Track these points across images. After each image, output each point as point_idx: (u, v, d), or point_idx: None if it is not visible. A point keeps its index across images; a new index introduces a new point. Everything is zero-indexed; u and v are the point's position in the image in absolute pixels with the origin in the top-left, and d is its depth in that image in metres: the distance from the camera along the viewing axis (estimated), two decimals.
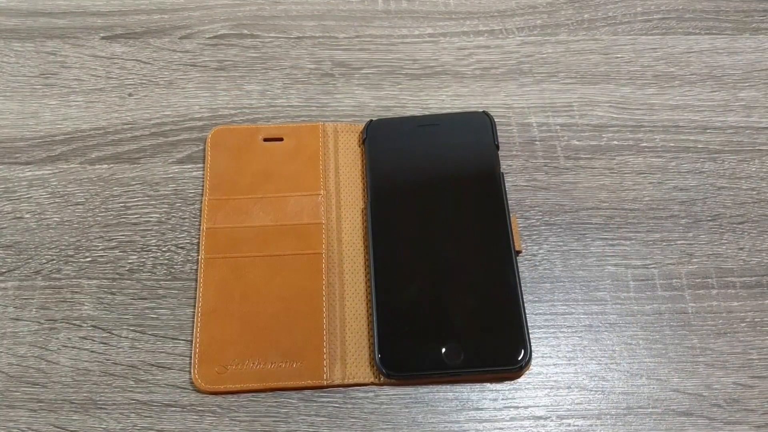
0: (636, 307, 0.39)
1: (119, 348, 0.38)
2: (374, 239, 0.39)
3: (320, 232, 0.40)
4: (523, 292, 0.38)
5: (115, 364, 0.37)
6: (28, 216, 0.41)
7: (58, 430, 0.36)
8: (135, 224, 0.41)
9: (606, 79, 0.46)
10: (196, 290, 0.39)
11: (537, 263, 0.40)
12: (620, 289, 0.39)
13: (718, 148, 0.44)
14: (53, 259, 0.40)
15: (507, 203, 0.40)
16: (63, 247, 0.40)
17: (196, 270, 0.39)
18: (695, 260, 0.40)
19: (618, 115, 0.45)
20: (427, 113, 0.45)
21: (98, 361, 0.37)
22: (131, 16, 0.49)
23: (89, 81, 0.46)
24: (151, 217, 0.41)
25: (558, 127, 0.44)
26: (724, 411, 0.36)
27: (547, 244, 0.41)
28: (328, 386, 0.37)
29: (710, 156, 0.44)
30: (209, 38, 0.48)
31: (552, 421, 0.36)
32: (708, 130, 0.44)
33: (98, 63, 0.47)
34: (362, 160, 0.43)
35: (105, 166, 0.43)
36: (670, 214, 0.42)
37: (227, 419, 0.36)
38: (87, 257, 0.40)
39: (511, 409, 0.36)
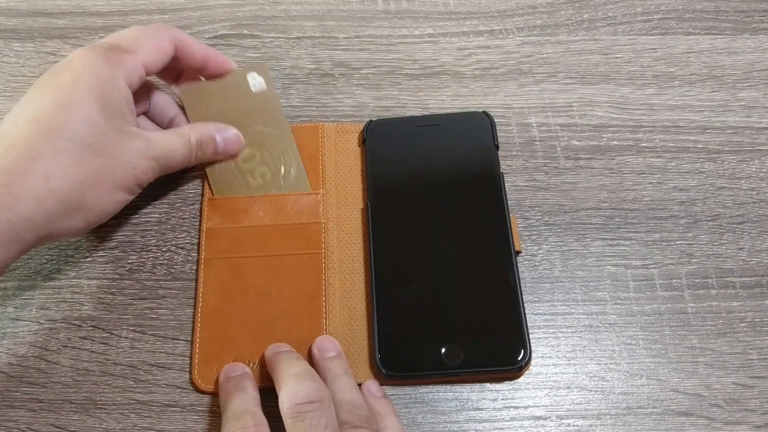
0: (636, 307, 0.39)
1: (119, 348, 0.38)
2: (374, 239, 0.39)
3: (320, 232, 0.40)
4: (523, 292, 0.38)
5: (115, 364, 0.37)
6: None
7: (58, 430, 0.36)
8: (135, 224, 0.41)
9: (606, 79, 0.46)
10: (196, 290, 0.39)
11: (537, 263, 0.40)
12: (620, 289, 0.39)
13: (718, 148, 0.44)
14: (53, 259, 0.40)
15: (507, 203, 0.40)
16: (63, 247, 0.40)
17: (196, 270, 0.40)
18: (695, 260, 0.40)
19: (618, 115, 0.45)
20: (426, 113, 0.45)
21: (98, 361, 0.37)
22: (131, 16, 0.49)
23: None
24: (151, 217, 0.41)
25: (558, 127, 0.44)
26: (723, 411, 0.36)
27: (547, 244, 0.41)
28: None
29: (710, 156, 0.44)
30: (209, 38, 0.48)
31: (552, 421, 0.36)
32: (708, 130, 0.44)
33: None
34: (362, 160, 0.43)
35: None
36: (669, 214, 0.42)
37: None
38: (87, 257, 0.40)
39: (511, 409, 0.36)
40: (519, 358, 0.36)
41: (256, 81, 0.41)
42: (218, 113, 0.41)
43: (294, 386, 0.31)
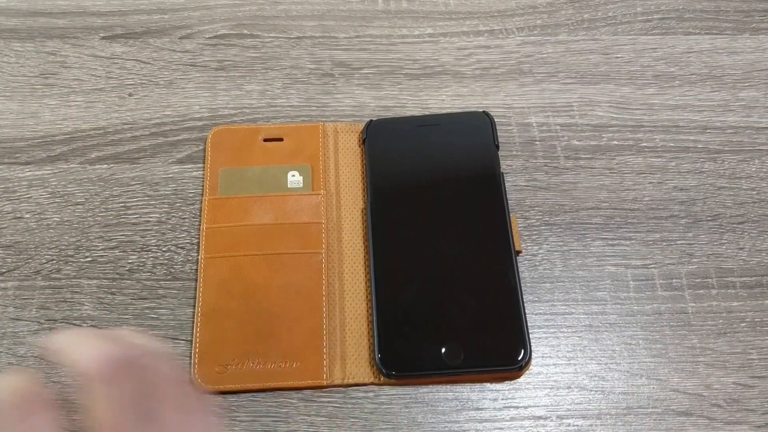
0: (636, 307, 0.39)
1: None
2: (374, 239, 0.39)
3: (320, 231, 0.40)
4: (523, 292, 0.38)
5: None
6: (28, 216, 0.41)
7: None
8: (135, 224, 0.41)
9: (606, 79, 0.46)
10: (196, 290, 0.39)
11: (537, 263, 0.40)
12: (620, 289, 0.39)
13: (718, 148, 0.44)
14: (53, 259, 0.40)
15: (507, 203, 0.40)
16: (63, 247, 0.40)
17: (196, 270, 0.39)
18: (695, 260, 0.40)
19: (618, 115, 0.45)
20: (427, 113, 0.45)
21: None
22: (131, 16, 0.49)
23: (89, 81, 0.46)
24: (151, 217, 0.41)
25: (558, 127, 0.44)
26: (724, 411, 0.36)
27: (547, 244, 0.41)
28: (328, 386, 0.37)
29: (710, 156, 0.44)
30: (209, 38, 0.48)
31: (552, 421, 0.36)
32: (708, 130, 0.44)
33: (98, 63, 0.47)
34: (362, 160, 0.43)
35: (105, 166, 0.43)
36: (670, 214, 0.42)
37: (227, 419, 0.36)
38: (87, 257, 0.40)
39: (511, 409, 0.36)
40: (519, 358, 0.36)
41: (294, 179, 0.41)
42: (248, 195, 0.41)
43: None
